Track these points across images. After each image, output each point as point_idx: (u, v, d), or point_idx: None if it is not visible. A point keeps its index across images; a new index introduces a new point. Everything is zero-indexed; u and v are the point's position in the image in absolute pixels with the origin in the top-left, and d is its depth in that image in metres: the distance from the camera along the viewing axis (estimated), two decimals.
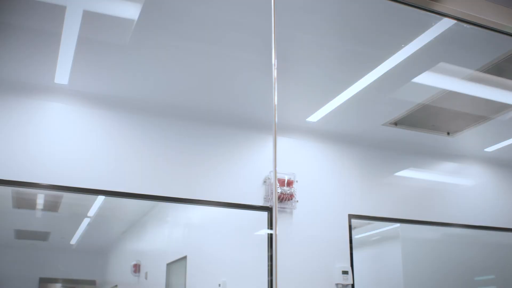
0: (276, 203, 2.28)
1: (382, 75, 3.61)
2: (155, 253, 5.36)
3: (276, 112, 2.47)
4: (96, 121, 3.90)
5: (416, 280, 5.10)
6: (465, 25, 2.98)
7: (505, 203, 5.41)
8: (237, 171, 4.24)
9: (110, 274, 5.20)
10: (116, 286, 5.10)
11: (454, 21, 3.02)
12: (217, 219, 4.69)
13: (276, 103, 2.52)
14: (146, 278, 5.11)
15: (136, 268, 5.16)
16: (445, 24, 3.07)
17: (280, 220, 4.23)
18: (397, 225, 5.09)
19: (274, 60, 2.55)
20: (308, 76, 3.71)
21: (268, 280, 4.06)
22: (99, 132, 3.89)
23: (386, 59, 3.44)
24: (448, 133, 4.61)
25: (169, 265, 5.12)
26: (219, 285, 4.47)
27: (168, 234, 5.35)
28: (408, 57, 3.40)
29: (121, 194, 3.87)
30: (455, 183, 5.33)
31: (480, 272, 5.33)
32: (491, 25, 3.01)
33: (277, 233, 2.20)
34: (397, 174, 5.06)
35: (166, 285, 5.05)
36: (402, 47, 3.30)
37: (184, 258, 4.95)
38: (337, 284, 4.28)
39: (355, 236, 5.90)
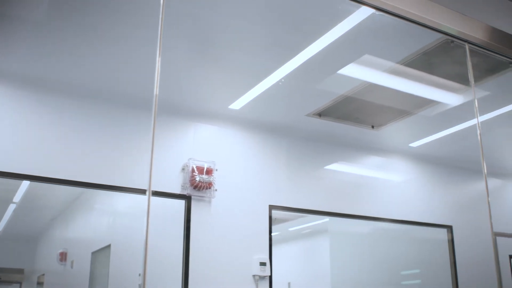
0: (149, 194, 2.17)
1: (305, 64, 3.55)
2: (81, 241, 5.24)
3: (157, 104, 2.36)
4: (14, 101, 3.70)
5: (343, 273, 5.13)
6: (377, 12, 2.95)
7: (430, 199, 5.49)
8: (156, 158, 4.08)
9: (38, 263, 5.06)
10: (43, 275, 4.98)
11: (373, 10, 2.98)
12: (141, 207, 4.58)
13: (157, 92, 2.42)
14: (72, 266, 5.00)
15: (63, 256, 5.04)
16: (363, 13, 3.03)
17: (198, 209, 4.14)
18: (327, 218, 5.09)
19: (158, 51, 2.44)
20: (230, 62, 3.61)
21: (182, 271, 3.98)
22: (19, 113, 3.70)
23: (306, 47, 3.37)
24: (373, 127, 4.61)
25: (94, 253, 5.02)
26: (139, 274, 4.37)
27: (95, 222, 5.24)
28: (332, 48, 3.34)
29: (45, 180, 3.75)
30: (382, 178, 5.37)
31: (406, 266, 5.41)
32: (409, 16, 3.00)
33: (149, 226, 2.09)
34: (327, 167, 5.05)
35: (90, 274, 4.94)
36: (321, 35, 3.24)
37: (108, 246, 4.85)
38: (254, 276, 4.21)
39: (289, 229, 5.89)
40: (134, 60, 3.49)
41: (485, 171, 3.34)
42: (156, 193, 4.04)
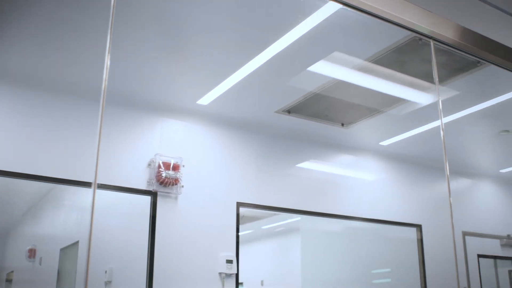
0: (95, 188, 2.12)
1: (274, 60, 3.51)
2: (50, 237, 5.17)
3: (104, 100, 2.30)
4: None
5: (314, 272, 5.11)
6: (343, 7, 2.91)
7: (400, 198, 5.49)
8: (122, 153, 4.05)
9: (6, 260, 4.98)
10: (12, 271, 4.90)
11: (340, 6, 2.94)
12: (109, 203, 4.54)
13: (105, 85, 2.36)
14: (40, 263, 4.93)
15: (31, 253, 4.96)
16: (330, 8, 3.00)
17: (164, 206, 4.08)
18: (299, 217, 5.07)
19: (108, 45, 2.38)
20: (197, 57, 3.56)
21: (147, 267, 3.92)
22: None
23: (274, 42, 3.33)
24: (343, 124, 4.59)
25: (62, 250, 4.95)
26: (106, 271, 4.32)
27: (64, 218, 5.18)
28: (301, 44, 3.31)
29: (13, 174, 3.72)
30: (353, 177, 5.35)
31: (377, 265, 5.40)
32: (373, 11, 2.96)
33: (93, 224, 2.05)
34: (298, 165, 5.02)
35: (59, 271, 4.88)
36: (288, 30, 3.20)
37: (76, 243, 4.79)
38: (220, 273, 4.17)
39: (262, 227, 5.86)
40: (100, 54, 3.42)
41: (448, 172, 3.36)
42: (122, 189, 3.99)
